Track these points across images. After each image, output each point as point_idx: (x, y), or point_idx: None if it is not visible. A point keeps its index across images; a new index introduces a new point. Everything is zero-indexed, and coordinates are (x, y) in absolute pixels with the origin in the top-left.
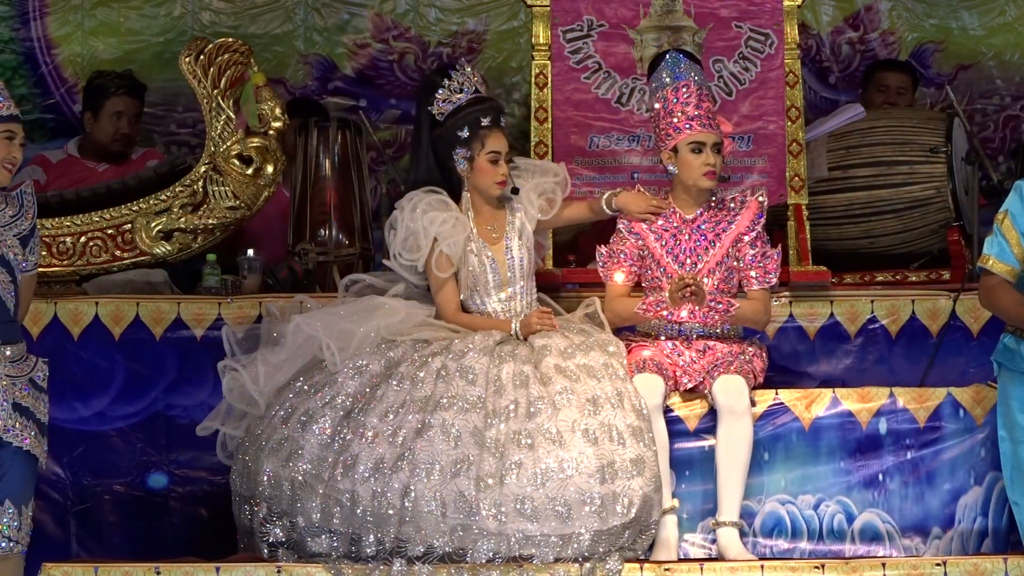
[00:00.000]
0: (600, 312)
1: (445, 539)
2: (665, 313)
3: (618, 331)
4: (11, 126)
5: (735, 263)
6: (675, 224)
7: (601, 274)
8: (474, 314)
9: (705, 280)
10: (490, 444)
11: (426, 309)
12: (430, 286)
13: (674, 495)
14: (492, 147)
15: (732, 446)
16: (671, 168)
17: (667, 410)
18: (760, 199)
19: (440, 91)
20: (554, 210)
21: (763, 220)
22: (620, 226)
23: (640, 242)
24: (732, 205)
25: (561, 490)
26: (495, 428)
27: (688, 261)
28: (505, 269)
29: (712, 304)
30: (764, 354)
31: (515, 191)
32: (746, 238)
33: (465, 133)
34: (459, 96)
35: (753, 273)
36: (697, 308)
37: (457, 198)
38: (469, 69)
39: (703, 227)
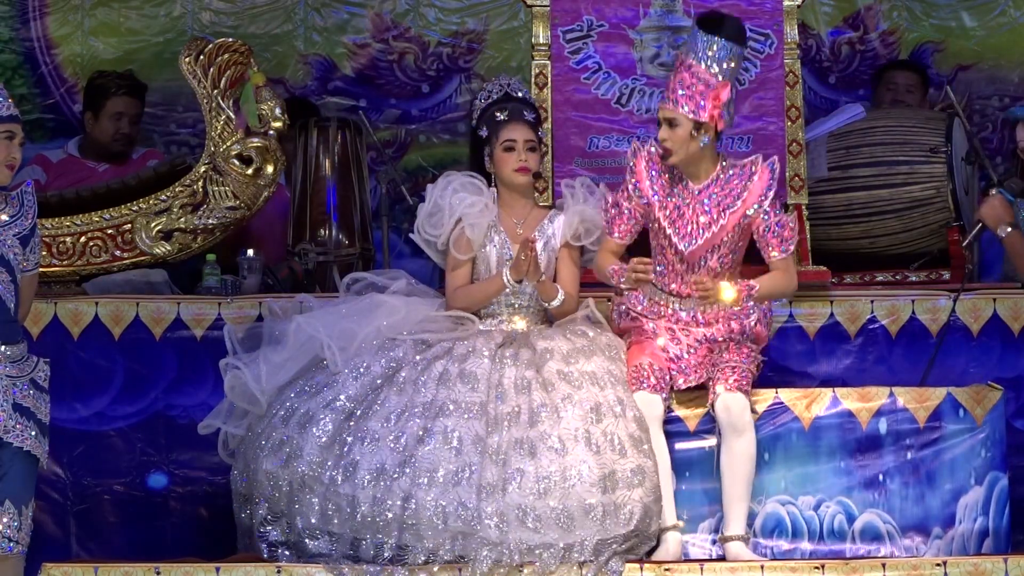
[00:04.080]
0: (596, 311)
1: (446, 547)
2: (626, 286)
3: (618, 308)
4: (11, 126)
5: (740, 238)
6: (683, 197)
7: (604, 222)
8: (471, 287)
9: (708, 255)
10: (492, 451)
11: (427, 306)
12: (446, 264)
13: (674, 496)
14: (506, 136)
15: (735, 462)
16: (704, 141)
17: (666, 409)
18: (771, 167)
19: (475, 104)
20: (578, 244)
21: (775, 188)
22: (629, 182)
23: (646, 203)
24: (742, 173)
25: (563, 499)
26: (497, 435)
27: (689, 236)
28: None
29: (739, 292)
30: (767, 317)
31: (537, 175)
32: (759, 207)
33: (485, 131)
34: (486, 102)
35: (771, 243)
36: (720, 306)
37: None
38: (504, 78)
39: (707, 201)
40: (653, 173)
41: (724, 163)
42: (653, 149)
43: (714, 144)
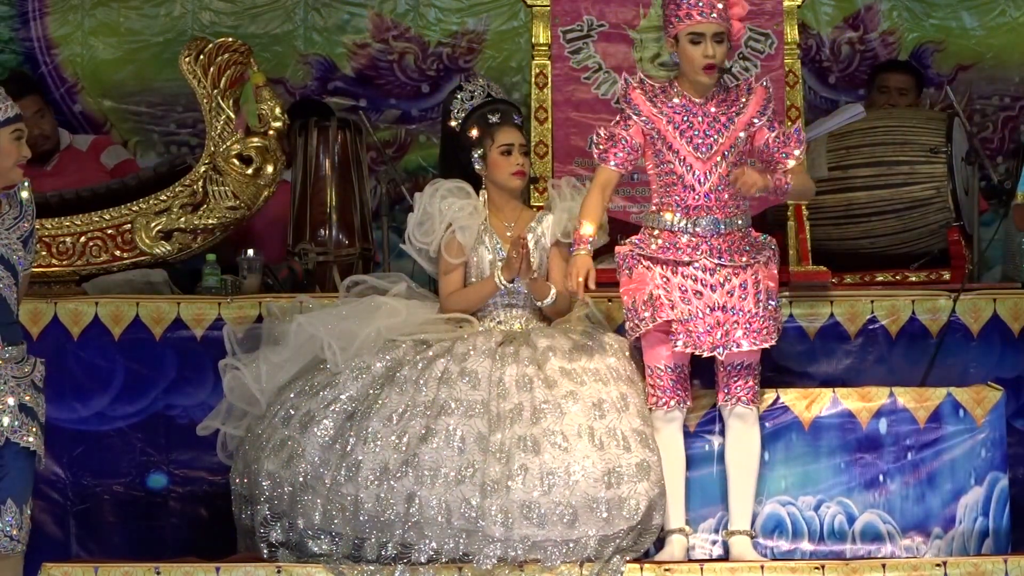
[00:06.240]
0: (596, 311)
1: (450, 545)
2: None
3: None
4: (19, 125)
5: (747, 148)
6: (687, 107)
7: (595, 155)
8: (465, 290)
9: (719, 162)
10: (494, 449)
11: (427, 309)
12: (438, 269)
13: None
14: (503, 140)
15: (742, 455)
16: (673, 58)
17: (687, 411)
18: (766, 86)
19: (454, 104)
20: (567, 241)
21: (772, 105)
22: (627, 109)
23: (650, 126)
24: (738, 92)
25: (567, 495)
26: (500, 432)
27: (703, 144)
28: None
29: (773, 188)
30: (777, 255)
31: (534, 180)
32: (759, 122)
33: (475, 132)
34: (471, 103)
35: (782, 150)
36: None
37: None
38: (482, 79)
39: (715, 110)
40: (651, 98)
41: (721, 80)
42: (642, 76)
43: None
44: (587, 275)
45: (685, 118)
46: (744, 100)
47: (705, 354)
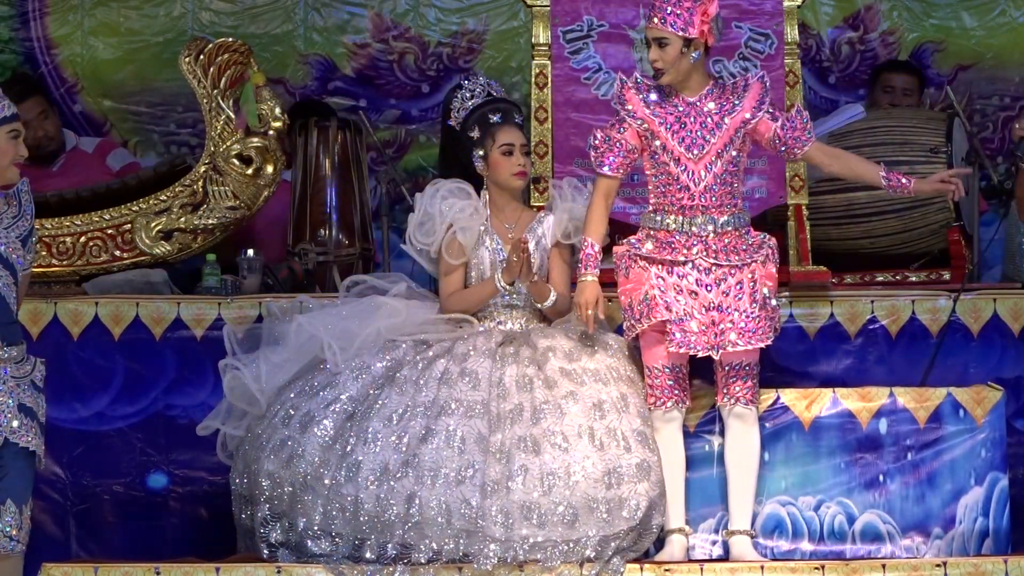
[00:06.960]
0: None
1: (451, 546)
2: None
3: (621, 234)
4: (16, 125)
5: (740, 148)
6: (680, 108)
7: (592, 159)
8: (465, 292)
9: (714, 162)
10: (495, 449)
11: (427, 310)
12: (438, 270)
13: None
14: (504, 140)
15: (741, 455)
16: None
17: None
18: (762, 79)
19: (455, 102)
20: (568, 242)
21: (770, 97)
22: (621, 111)
23: (644, 127)
24: (734, 89)
25: (567, 496)
26: (500, 433)
27: (695, 145)
28: None
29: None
30: (776, 254)
31: (534, 180)
32: (758, 115)
33: (476, 132)
34: (472, 102)
35: (795, 136)
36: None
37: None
38: (482, 78)
39: (707, 110)
40: (645, 97)
41: (716, 79)
42: (638, 76)
43: (704, 60)
44: (596, 304)
45: (678, 118)
46: (739, 97)
47: (700, 354)
